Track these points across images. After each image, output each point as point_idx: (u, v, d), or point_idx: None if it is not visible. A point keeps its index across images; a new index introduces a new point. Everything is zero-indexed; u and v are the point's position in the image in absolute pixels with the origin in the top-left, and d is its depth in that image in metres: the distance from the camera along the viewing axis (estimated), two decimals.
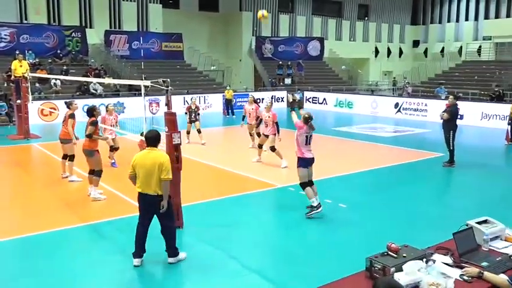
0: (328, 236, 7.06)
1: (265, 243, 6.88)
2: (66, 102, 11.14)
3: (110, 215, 7.88)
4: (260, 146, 12.04)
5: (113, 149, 11.46)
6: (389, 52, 41.93)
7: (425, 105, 21.37)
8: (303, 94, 27.80)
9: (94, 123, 8.73)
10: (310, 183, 7.81)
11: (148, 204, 5.81)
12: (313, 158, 7.91)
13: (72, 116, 10.20)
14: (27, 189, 9.72)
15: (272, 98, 25.61)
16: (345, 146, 14.92)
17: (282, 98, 27.74)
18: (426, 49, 41.91)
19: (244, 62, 33.73)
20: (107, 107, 12.04)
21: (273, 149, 11.49)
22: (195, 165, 11.60)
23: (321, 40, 36.23)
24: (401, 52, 42.76)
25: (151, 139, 5.80)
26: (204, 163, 12.06)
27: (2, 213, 8.26)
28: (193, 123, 14.61)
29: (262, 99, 27.04)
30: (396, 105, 22.65)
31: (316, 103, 26.97)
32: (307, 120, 7.71)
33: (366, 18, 40.57)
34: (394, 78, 37.44)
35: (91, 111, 8.78)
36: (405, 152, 13.63)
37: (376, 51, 41.02)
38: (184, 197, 7.27)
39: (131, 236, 6.05)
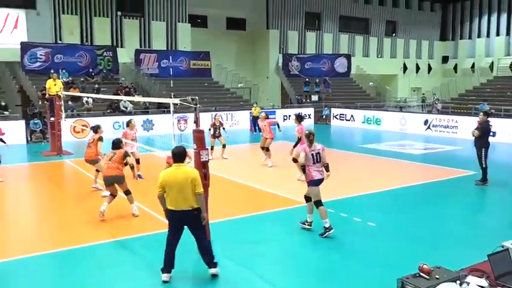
0: (357, 255, 6.93)
1: (292, 262, 6.81)
2: (92, 128, 11.37)
3: (138, 231, 7.96)
4: (263, 148, 14.07)
5: (137, 161, 11.95)
6: (418, 68, 41.47)
7: (456, 121, 20.95)
8: (330, 111, 27.71)
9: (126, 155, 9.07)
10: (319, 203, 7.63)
11: (180, 220, 5.84)
12: (322, 179, 7.75)
13: (101, 139, 10.73)
14: (59, 204, 9.94)
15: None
16: (373, 163, 14.73)
17: (309, 115, 27.75)
18: (456, 65, 41.26)
19: (271, 79, 33.95)
20: (129, 122, 12.39)
21: (267, 149, 13.89)
22: (221, 181, 11.64)
23: (348, 57, 36.17)
24: (430, 68, 42.23)
25: (178, 155, 5.89)
26: (230, 179, 12.10)
27: (34, 228, 8.46)
28: (217, 139, 14.93)
29: (289, 116, 27.19)
30: (426, 122, 22.29)
31: (343, 120, 26.81)
32: (309, 136, 7.73)
33: (394, 35, 40.34)
34: (423, 94, 36.90)
35: (118, 144, 9.06)
36: (436, 170, 13.35)
37: (405, 68, 40.62)
38: (211, 214, 7.29)
39: (159, 253, 6.09)
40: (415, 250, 6.89)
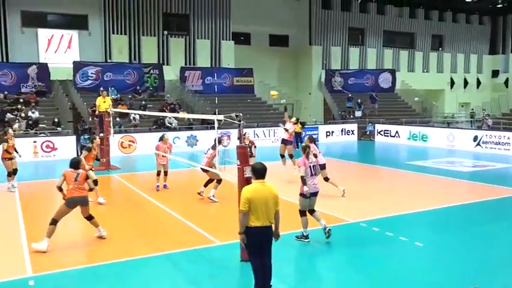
0: (402, 277, 6.70)
1: (338, 281, 6.67)
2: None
3: (183, 245, 8.04)
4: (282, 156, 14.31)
5: (165, 173, 12.79)
6: (466, 83, 40.24)
7: (508, 138, 20.07)
8: (374, 127, 27.27)
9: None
10: (311, 211, 8.19)
11: (263, 237, 5.69)
12: (317, 192, 8.27)
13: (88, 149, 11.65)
14: (106, 218, 10.20)
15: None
16: (420, 180, 14.30)
17: (353, 131, 27.45)
18: (507, 79, 39.73)
19: (313, 95, 33.88)
20: (162, 136, 13.05)
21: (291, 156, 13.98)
22: None
23: (393, 72, 35.59)
24: (479, 83, 40.89)
25: (262, 171, 5.79)
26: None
27: (82, 241, 8.73)
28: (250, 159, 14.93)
29: (332, 132, 26.97)
30: (475, 138, 21.48)
31: (388, 136, 26.29)
32: (305, 149, 8.25)
33: (440, 49, 39.43)
34: (472, 110, 35.67)
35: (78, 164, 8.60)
36: (487, 188, 12.80)
37: (452, 82, 39.52)
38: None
39: (203, 267, 6.14)
40: (467, 272, 6.60)
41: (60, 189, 8.17)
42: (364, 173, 16.03)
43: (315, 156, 8.81)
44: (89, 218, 8.38)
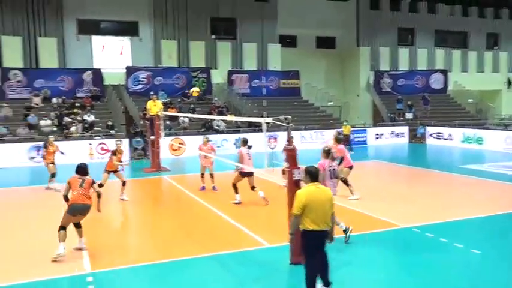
0: (458, 285, 6.44)
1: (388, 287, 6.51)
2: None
3: (230, 246, 8.11)
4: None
5: (211, 175, 13.08)
6: None
7: None
8: (425, 129, 26.48)
9: None
10: None
11: (319, 241, 5.75)
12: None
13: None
14: (156, 218, 10.47)
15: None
16: (475, 185, 13.73)
17: (403, 133, 26.78)
18: None
19: (361, 97, 33.31)
20: (204, 138, 13.60)
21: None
22: None
23: (445, 72, 34.42)
24: None
25: (316, 174, 5.86)
26: None
27: (133, 241, 9.00)
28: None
29: (381, 134, 26.42)
30: None
31: (440, 138, 25.44)
32: (328, 152, 8.40)
33: (496, 48, 37.71)
34: None
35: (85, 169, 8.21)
36: None
37: (509, 82, 37.66)
38: None
39: (251, 270, 6.17)
40: None
41: (66, 198, 7.89)
42: (415, 176, 15.58)
43: (333, 159, 8.83)
44: (77, 225, 7.91)
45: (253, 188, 11.24)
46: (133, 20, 27.66)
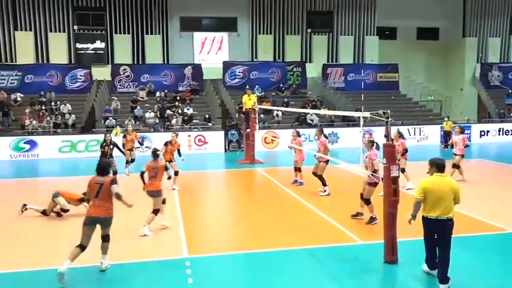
0: None
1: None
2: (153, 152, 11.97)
3: (324, 241, 8.09)
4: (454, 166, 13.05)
5: (298, 169, 13.02)
6: None
7: None
8: None
9: None
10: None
11: (434, 229, 6.02)
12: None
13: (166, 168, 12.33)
14: (251, 209, 10.75)
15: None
16: None
17: None
18: None
19: (466, 91, 31.17)
20: (294, 132, 13.47)
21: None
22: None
23: None
24: None
25: (442, 165, 6.09)
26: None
27: (228, 230, 9.34)
28: None
29: (488, 131, 24.54)
30: None
31: None
32: (373, 143, 9.00)
33: None
34: None
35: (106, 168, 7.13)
36: None
37: None
38: (400, 232, 7.01)
39: (345, 266, 6.12)
40: None
41: (142, 175, 8.87)
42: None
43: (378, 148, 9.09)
44: (105, 239, 6.74)
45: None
46: (232, 16, 28.50)
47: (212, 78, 27.41)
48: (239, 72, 27.52)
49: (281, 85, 27.54)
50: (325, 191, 11.63)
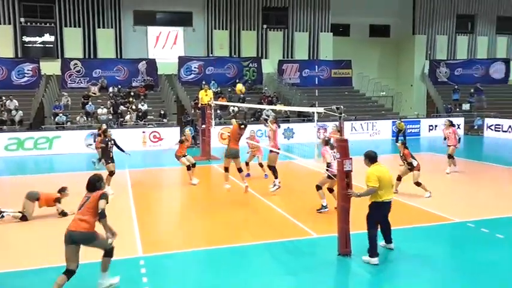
0: None
1: (442, 283, 6.32)
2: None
3: (280, 236, 8.14)
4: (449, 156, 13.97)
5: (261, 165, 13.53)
6: None
7: None
8: (483, 121, 25.32)
9: None
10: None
11: (387, 210, 6.90)
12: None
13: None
14: (207, 205, 10.66)
15: None
16: None
17: (459, 125, 25.74)
18: None
19: (415, 87, 32.29)
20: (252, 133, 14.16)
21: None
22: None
23: (507, 61, 32.70)
24: None
25: (376, 156, 6.93)
26: None
27: (183, 227, 9.25)
28: None
29: (436, 126, 25.51)
30: None
31: (499, 131, 24.25)
32: (327, 142, 9.33)
33: None
34: None
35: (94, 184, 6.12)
36: None
37: None
38: (353, 225, 7.17)
39: (300, 259, 6.18)
40: None
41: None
42: (471, 170, 14.96)
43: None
44: (105, 254, 6.00)
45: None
46: (187, 10, 28.14)
47: (167, 73, 27.02)
48: (195, 67, 27.25)
49: (237, 81, 27.49)
50: (274, 185, 11.43)
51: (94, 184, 5.97)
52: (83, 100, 23.52)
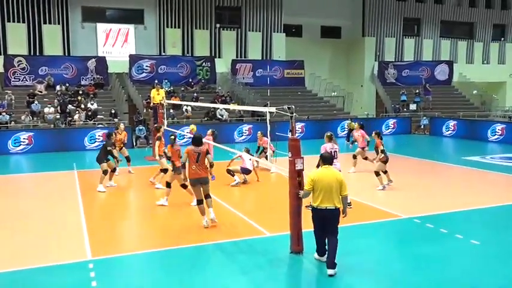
0: (459, 276, 6.47)
1: (387, 277, 6.53)
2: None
3: (233, 235, 8.15)
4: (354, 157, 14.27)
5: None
6: None
7: None
8: (429, 121, 26.39)
9: None
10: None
11: (328, 218, 6.36)
12: None
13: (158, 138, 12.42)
14: (158, 206, 10.49)
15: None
16: (477, 177, 13.74)
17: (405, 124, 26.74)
18: None
19: (365, 87, 33.22)
20: (209, 131, 14.11)
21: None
22: None
23: (450, 64, 34.27)
24: None
25: (329, 159, 6.67)
26: None
27: (134, 229, 9.07)
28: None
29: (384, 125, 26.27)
30: None
31: (448, 130, 25.35)
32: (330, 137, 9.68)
33: (502, 39, 37.43)
34: None
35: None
36: None
37: None
38: (305, 223, 7.28)
39: (252, 258, 6.22)
40: None
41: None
42: (417, 167, 15.58)
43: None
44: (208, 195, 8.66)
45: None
46: (138, 7, 27.57)
47: (118, 71, 26.37)
48: (147, 66, 26.76)
49: (190, 80, 27.27)
50: (235, 180, 12.02)
51: (201, 139, 8.50)
52: (28, 99, 22.55)
